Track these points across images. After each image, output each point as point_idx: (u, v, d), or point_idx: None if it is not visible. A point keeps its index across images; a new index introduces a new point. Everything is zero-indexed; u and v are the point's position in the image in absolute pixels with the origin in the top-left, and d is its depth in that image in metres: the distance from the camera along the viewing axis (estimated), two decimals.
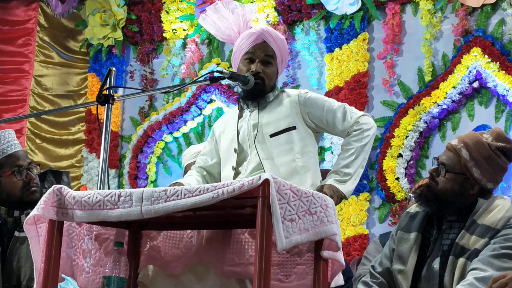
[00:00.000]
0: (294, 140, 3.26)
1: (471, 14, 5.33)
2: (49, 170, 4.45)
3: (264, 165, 3.21)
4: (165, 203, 2.33)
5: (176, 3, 6.53)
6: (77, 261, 2.77)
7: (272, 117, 3.29)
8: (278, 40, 3.35)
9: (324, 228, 2.36)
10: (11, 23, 7.13)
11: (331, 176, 3.20)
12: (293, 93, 3.37)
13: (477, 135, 2.99)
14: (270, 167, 3.20)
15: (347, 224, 5.44)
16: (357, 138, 3.25)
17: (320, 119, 3.31)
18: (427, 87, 5.36)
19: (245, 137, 3.30)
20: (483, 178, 2.93)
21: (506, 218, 2.85)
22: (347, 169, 3.20)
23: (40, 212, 2.50)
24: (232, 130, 3.35)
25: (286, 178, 3.12)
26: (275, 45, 3.34)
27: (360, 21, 5.67)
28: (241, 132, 3.32)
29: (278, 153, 3.23)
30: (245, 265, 2.77)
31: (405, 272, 2.95)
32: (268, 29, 3.39)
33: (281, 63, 3.38)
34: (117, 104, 6.54)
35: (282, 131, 3.27)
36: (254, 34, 3.34)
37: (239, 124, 3.34)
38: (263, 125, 3.27)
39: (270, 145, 3.25)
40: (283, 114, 3.29)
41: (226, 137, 3.38)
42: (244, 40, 3.36)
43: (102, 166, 2.85)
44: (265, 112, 3.32)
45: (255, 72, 3.29)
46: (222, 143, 3.39)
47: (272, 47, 3.33)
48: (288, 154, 3.23)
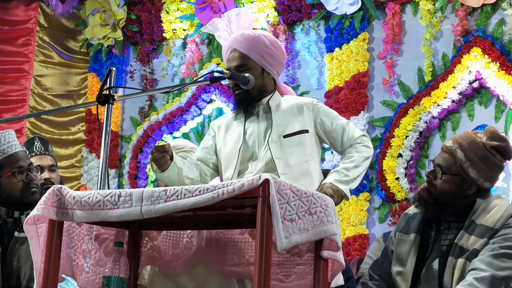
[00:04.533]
0: (306, 142, 3.28)
1: (471, 14, 5.33)
2: (37, 137, 4.47)
3: (276, 164, 3.20)
4: (165, 203, 2.33)
5: (176, 3, 6.54)
6: (77, 261, 2.77)
7: (285, 119, 3.30)
8: (247, 39, 3.27)
9: (324, 228, 2.36)
10: (11, 23, 7.13)
11: (332, 176, 3.22)
12: (306, 100, 3.39)
13: (471, 135, 2.99)
14: (283, 166, 3.20)
15: (347, 224, 5.44)
16: (360, 150, 3.31)
17: (329, 131, 3.35)
18: (427, 87, 5.36)
19: (255, 137, 3.29)
20: (480, 178, 2.93)
21: (504, 217, 2.86)
22: (348, 172, 3.22)
23: (40, 212, 2.50)
24: (238, 131, 3.34)
25: (299, 178, 3.16)
26: (243, 47, 3.27)
27: (360, 21, 5.67)
28: (249, 131, 3.32)
29: (291, 153, 3.24)
30: (245, 265, 2.77)
31: (404, 274, 2.95)
32: (236, 34, 3.33)
33: (262, 58, 3.28)
34: (117, 104, 6.54)
35: (295, 132, 3.28)
36: (225, 47, 3.35)
37: (246, 125, 3.33)
38: (276, 126, 3.28)
39: (283, 145, 3.25)
40: (297, 117, 3.30)
41: (230, 138, 3.37)
42: (224, 54, 3.38)
43: (102, 166, 2.85)
44: (278, 113, 3.32)
45: (232, 86, 3.30)
46: (225, 143, 3.37)
47: (242, 51, 3.27)
48: (301, 155, 3.25)
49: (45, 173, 4.33)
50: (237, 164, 3.27)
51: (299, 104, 3.34)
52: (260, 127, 3.30)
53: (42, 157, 4.37)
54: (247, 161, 3.29)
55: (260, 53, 3.28)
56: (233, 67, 3.28)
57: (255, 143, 3.28)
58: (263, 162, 3.24)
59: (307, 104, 3.35)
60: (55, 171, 4.40)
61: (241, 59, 3.28)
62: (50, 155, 4.44)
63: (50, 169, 4.37)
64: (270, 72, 3.33)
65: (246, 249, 2.79)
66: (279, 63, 3.36)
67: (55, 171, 4.41)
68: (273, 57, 3.32)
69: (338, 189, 3.16)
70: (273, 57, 3.32)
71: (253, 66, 3.28)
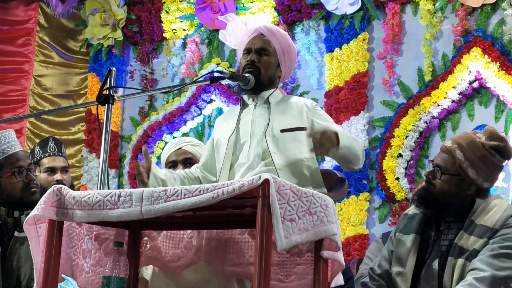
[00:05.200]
0: (303, 140, 3.28)
1: (471, 14, 5.33)
2: (51, 137, 4.48)
3: (274, 159, 3.20)
4: (165, 203, 2.33)
5: (176, 3, 6.54)
6: (77, 261, 2.77)
7: (283, 115, 3.31)
8: (277, 33, 3.39)
9: (324, 228, 2.36)
10: (11, 23, 7.13)
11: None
12: (304, 100, 3.41)
13: (470, 135, 2.99)
14: (279, 161, 3.20)
15: (347, 224, 5.44)
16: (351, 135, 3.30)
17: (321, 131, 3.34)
18: (427, 87, 5.36)
19: (247, 128, 3.30)
20: (479, 178, 2.93)
21: (504, 218, 2.86)
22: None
23: (40, 212, 2.50)
24: (232, 121, 3.35)
25: (294, 174, 3.14)
26: (272, 36, 3.37)
27: (360, 21, 5.67)
28: (243, 122, 3.32)
29: (287, 149, 3.24)
30: (245, 265, 2.77)
31: (404, 274, 2.95)
32: (267, 24, 3.45)
33: (283, 55, 3.38)
34: (117, 104, 6.54)
35: (293, 128, 3.29)
36: (252, 29, 3.41)
37: (241, 117, 3.34)
38: (275, 120, 3.29)
39: (280, 139, 3.25)
40: (295, 114, 3.32)
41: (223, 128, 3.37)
42: (244, 37, 3.43)
43: (102, 166, 2.85)
44: (276, 108, 3.33)
45: (250, 61, 3.32)
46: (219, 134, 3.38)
47: (270, 39, 3.36)
48: (298, 151, 3.25)
49: (57, 175, 4.34)
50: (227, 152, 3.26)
51: (299, 103, 3.36)
52: (254, 119, 3.31)
53: (55, 158, 4.38)
54: (239, 151, 3.28)
55: (283, 48, 3.38)
56: (255, 48, 3.35)
57: (248, 132, 3.28)
58: (256, 154, 3.23)
59: (306, 104, 3.37)
60: (67, 173, 4.41)
61: (266, 43, 3.36)
62: (63, 156, 4.45)
63: (62, 171, 4.38)
64: (282, 69, 3.40)
65: (246, 249, 2.79)
66: (290, 67, 3.47)
67: (67, 173, 4.42)
68: (290, 59, 3.43)
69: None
70: (290, 58, 3.43)
71: (272, 55, 3.37)
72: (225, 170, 3.24)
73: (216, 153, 3.34)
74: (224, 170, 3.24)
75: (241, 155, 3.25)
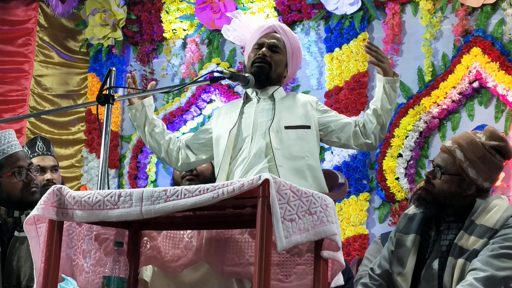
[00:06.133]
0: (307, 138, 3.29)
1: (471, 14, 5.33)
2: (39, 136, 4.47)
3: (275, 155, 3.20)
4: (165, 203, 2.33)
5: (176, 3, 6.53)
6: (77, 261, 2.77)
7: (288, 111, 3.33)
8: (289, 34, 3.46)
9: (324, 228, 2.37)
10: (11, 23, 7.12)
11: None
12: (308, 98, 3.46)
13: (470, 135, 2.99)
14: (281, 157, 3.20)
15: (347, 224, 5.44)
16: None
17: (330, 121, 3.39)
18: (427, 87, 5.36)
19: (249, 123, 3.30)
20: (479, 178, 2.93)
21: (504, 218, 2.86)
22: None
23: (40, 212, 2.50)
24: (234, 117, 3.36)
25: (295, 172, 3.15)
26: (285, 36, 3.43)
27: (360, 21, 5.67)
28: (245, 116, 3.33)
29: (290, 145, 3.25)
30: (245, 265, 2.77)
31: (404, 274, 2.95)
32: (280, 23, 3.54)
33: (292, 57, 3.43)
34: (117, 104, 6.53)
35: (298, 126, 3.30)
36: (264, 26, 3.48)
37: (244, 111, 3.35)
38: (279, 116, 3.30)
39: (284, 136, 3.26)
40: (300, 112, 3.33)
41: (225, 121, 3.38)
42: (255, 32, 3.48)
43: (102, 166, 2.85)
44: (281, 104, 3.34)
45: (261, 55, 3.34)
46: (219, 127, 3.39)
47: (282, 37, 3.42)
48: (300, 149, 3.25)
49: (47, 174, 4.32)
50: (227, 145, 3.27)
51: (303, 101, 3.39)
52: (257, 113, 3.31)
53: (44, 158, 4.36)
54: (240, 145, 3.28)
55: (293, 49, 3.45)
56: (268, 43, 3.41)
57: (250, 126, 3.28)
58: (258, 148, 3.23)
59: (310, 102, 3.40)
60: (57, 172, 4.40)
61: (278, 41, 3.43)
62: (52, 155, 4.43)
63: (52, 170, 4.36)
64: (289, 69, 3.46)
65: (246, 249, 2.79)
66: (295, 70, 3.53)
67: (57, 172, 4.41)
68: (297, 61, 3.51)
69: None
70: (297, 61, 3.50)
71: (283, 53, 3.43)
72: (225, 163, 3.25)
73: (216, 146, 3.35)
74: (224, 163, 3.24)
75: (242, 149, 3.25)
